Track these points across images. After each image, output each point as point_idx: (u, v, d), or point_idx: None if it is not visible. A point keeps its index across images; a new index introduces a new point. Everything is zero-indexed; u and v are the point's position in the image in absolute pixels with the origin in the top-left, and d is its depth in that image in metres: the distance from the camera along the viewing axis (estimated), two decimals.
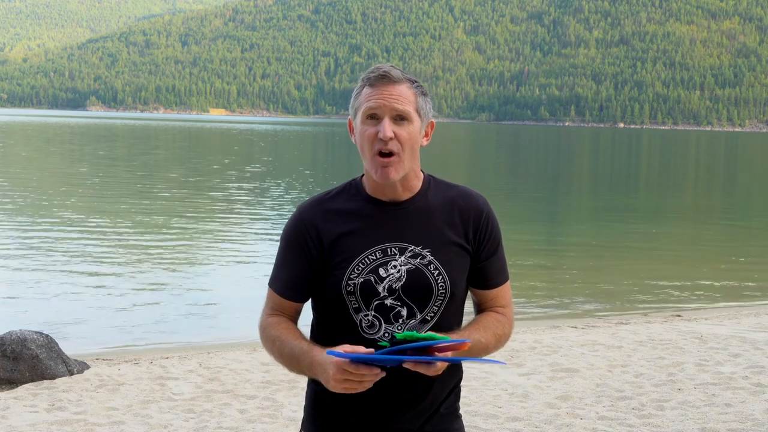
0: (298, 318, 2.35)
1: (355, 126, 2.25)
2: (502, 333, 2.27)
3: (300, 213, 2.29)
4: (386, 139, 2.15)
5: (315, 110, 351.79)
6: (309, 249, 2.24)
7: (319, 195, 2.31)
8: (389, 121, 2.16)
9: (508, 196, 27.12)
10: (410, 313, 2.21)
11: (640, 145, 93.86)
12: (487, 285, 2.31)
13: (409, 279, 2.20)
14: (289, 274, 2.28)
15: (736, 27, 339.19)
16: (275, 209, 21.53)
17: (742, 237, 19.20)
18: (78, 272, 12.28)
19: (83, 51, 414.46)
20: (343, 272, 2.20)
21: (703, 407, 6.03)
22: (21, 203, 20.95)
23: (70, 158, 42.45)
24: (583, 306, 11.03)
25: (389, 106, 2.16)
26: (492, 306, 2.33)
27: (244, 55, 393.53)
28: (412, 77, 2.23)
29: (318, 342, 2.25)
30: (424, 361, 2.01)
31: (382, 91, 2.18)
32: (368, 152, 2.19)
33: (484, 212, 2.29)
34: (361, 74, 2.26)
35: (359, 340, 2.19)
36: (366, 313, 2.20)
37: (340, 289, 2.20)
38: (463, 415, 2.42)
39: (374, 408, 2.22)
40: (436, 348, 2.03)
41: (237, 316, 10.09)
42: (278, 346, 2.24)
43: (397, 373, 2.17)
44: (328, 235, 2.23)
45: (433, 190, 2.29)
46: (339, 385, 2.06)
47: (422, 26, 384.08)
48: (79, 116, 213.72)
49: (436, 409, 2.28)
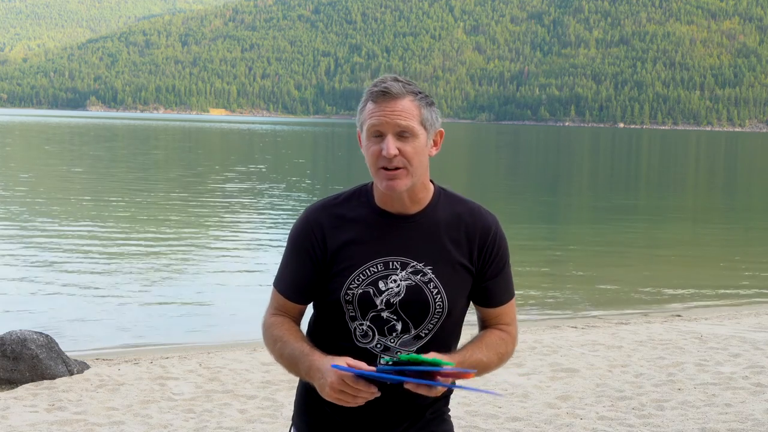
0: (301, 318, 2.36)
1: (362, 140, 2.24)
2: (504, 351, 2.27)
3: (307, 215, 2.28)
4: (390, 157, 2.14)
5: (315, 110, 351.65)
6: (314, 252, 2.25)
7: (328, 198, 2.31)
8: (392, 138, 2.14)
9: (508, 196, 27.13)
10: (405, 327, 2.21)
11: (640, 145, 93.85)
12: (492, 303, 2.30)
13: (408, 295, 2.20)
14: (293, 275, 2.29)
15: (736, 27, 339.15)
16: (276, 209, 21.52)
17: (742, 237, 19.21)
18: (78, 272, 12.28)
19: (83, 51, 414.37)
20: (344, 281, 2.21)
21: (703, 407, 6.03)
22: (21, 203, 20.94)
23: (71, 158, 42.45)
24: (583, 306, 11.03)
25: (392, 123, 2.14)
26: (496, 323, 2.32)
27: (244, 55, 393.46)
28: (416, 89, 2.20)
29: (312, 340, 2.26)
30: (425, 384, 2.03)
31: (384, 107, 2.16)
32: (373, 168, 2.19)
33: (491, 231, 2.26)
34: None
35: (352, 347, 2.21)
36: (361, 323, 2.21)
37: (339, 296, 2.21)
38: (462, 414, 2.42)
39: (360, 412, 2.22)
40: (439, 372, 2.04)
41: (237, 316, 10.08)
42: (279, 347, 2.24)
43: (388, 384, 2.18)
44: (334, 241, 2.23)
45: (442, 204, 2.27)
46: (333, 395, 2.08)
47: (422, 26, 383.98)
48: (79, 116, 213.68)
49: (422, 413, 2.29)
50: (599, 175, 41.41)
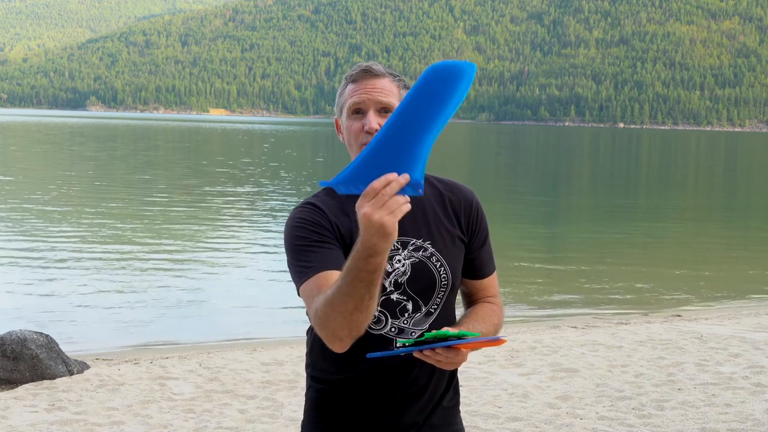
0: None
1: (341, 123, 2.25)
2: (498, 323, 2.28)
3: (304, 205, 2.22)
4: (371, 131, 2.14)
5: (315, 110, 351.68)
6: (329, 231, 2.16)
7: (312, 196, 2.27)
8: (374, 114, 2.16)
9: (508, 196, 27.13)
10: (415, 306, 2.21)
11: (640, 145, 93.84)
12: (480, 275, 2.32)
13: (414, 272, 2.19)
14: (320, 254, 2.11)
15: (736, 27, 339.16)
16: (276, 209, 21.52)
17: (742, 237, 19.21)
18: (78, 272, 12.28)
19: (83, 51, 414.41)
20: None
21: (703, 407, 6.03)
22: (20, 203, 20.94)
23: (71, 157, 42.45)
24: (583, 306, 11.03)
25: (373, 99, 2.17)
26: (484, 296, 2.33)
27: (244, 55, 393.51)
28: (395, 72, 2.24)
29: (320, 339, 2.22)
30: (444, 347, 1.95)
31: (365, 85, 2.19)
32: (355, 145, 2.19)
33: (473, 203, 2.30)
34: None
35: (366, 335, 2.14)
36: None
37: None
38: (462, 414, 2.42)
39: (379, 405, 2.22)
40: (464, 345, 1.99)
41: (237, 316, 10.08)
42: (333, 294, 1.95)
43: (400, 370, 2.18)
44: (340, 228, 2.18)
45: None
46: (384, 213, 1.82)
47: (422, 26, 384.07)
48: (78, 116, 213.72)
49: (438, 401, 2.28)
50: (599, 175, 41.40)
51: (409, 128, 1.88)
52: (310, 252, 2.12)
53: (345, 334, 1.97)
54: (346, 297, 1.90)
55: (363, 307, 1.91)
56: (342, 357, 2.15)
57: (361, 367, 2.19)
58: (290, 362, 7.40)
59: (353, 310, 1.92)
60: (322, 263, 2.09)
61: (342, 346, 2.01)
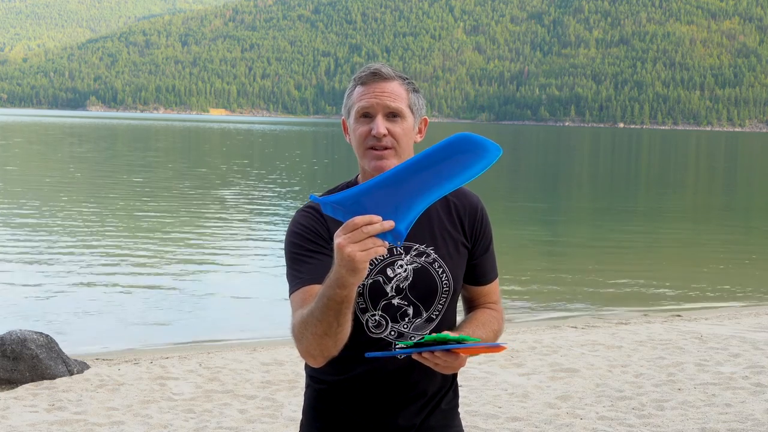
0: None
1: (348, 125, 2.25)
2: (498, 329, 2.29)
3: (304, 210, 2.24)
4: (379, 136, 2.14)
5: (315, 110, 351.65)
6: (325, 240, 2.18)
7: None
8: (382, 119, 2.16)
9: (508, 196, 27.13)
10: (416, 312, 2.21)
11: (640, 145, 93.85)
12: (482, 281, 2.32)
13: (416, 278, 2.20)
14: (313, 264, 2.15)
15: (736, 27, 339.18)
16: (276, 209, 21.52)
17: (742, 237, 19.21)
18: (78, 272, 12.28)
19: (83, 51, 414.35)
20: None
21: (703, 407, 6.03)
22: (20, 203, 20.94)
23: (70, 157, 42.44)
24: (583, 306, 11.02)
25: (382, 104, 2.16)
26: (485, 302, 2.34)
27: (244, 55, 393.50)
28: (403, 75, 2.23)
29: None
30: (442, 350, 1.97)
31: (374, 89, 2.18)
32: (361, 149, 2.19)
33: (479, 209, 2.30)
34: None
35: (366, 339, 2.18)
36: (373, 313, 2.19)
37: None
38: (462, 415, 2.42)
39: (377, 406, 2.22)
40: (463, 350, 2.00)
41: (237, 316, 10.08)
42: (307, 314, 2.00)
43: (399, 372, 2.19)
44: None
45: None
46: (355, 248, 1.84)
47: (422, 26, 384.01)
48: (78, 116, 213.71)
49: (437, 404, 2.28)
50: (599, 175, 41.41)
51: (416, 180, 1.93)
52: (303, 262, 2.16)
53: (317, 353, 2.03)
54: (317, 321, 1.97)
55: (332, 333, 1.97)
56: (341, 358, 2.14)
57: (359, 369, 2.20)
58: (290, 362, 7.40)
59: (323, 334, 1.98)
60: (311, 275, 2.12)
61: (316, 363, 2.08)
